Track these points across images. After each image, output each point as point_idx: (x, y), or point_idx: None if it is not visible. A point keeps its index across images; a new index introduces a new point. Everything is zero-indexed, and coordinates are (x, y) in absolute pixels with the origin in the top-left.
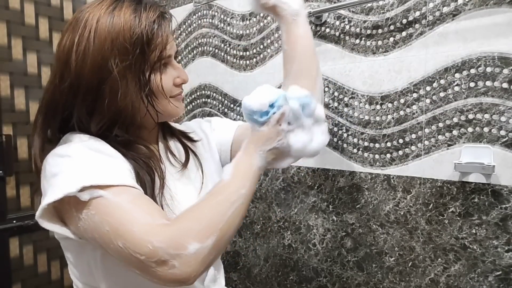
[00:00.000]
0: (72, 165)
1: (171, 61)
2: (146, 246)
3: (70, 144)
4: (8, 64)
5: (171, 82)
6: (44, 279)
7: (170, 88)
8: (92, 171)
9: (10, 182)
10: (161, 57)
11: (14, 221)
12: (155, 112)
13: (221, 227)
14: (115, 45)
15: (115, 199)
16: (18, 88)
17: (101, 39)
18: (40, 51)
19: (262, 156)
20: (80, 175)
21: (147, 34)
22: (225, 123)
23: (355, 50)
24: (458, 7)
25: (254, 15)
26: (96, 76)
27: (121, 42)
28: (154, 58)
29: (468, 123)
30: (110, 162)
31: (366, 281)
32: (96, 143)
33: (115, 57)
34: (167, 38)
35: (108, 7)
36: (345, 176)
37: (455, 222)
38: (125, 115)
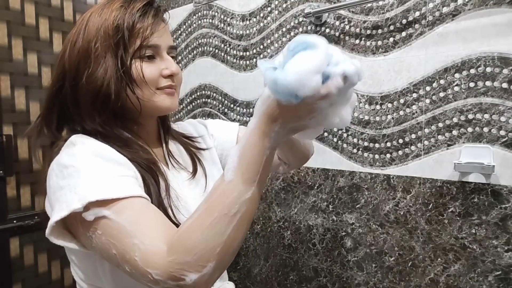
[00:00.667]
0: (77, 178)
1: (160, 52)
2: (148, 276)
3: (74, 149)
4: (9, 64)
5: (157, 72)
6: (44, 279)
7: (156, 78)
8: (96, 184)
9: (10, 182)
10: (142, 45)
11: (14, 221)
12: (137, 101)
13: (219, 251)
14: (99, 31)
15: (119, 219)
16: (18, 88)
17: (89, 28)
18: (41, 51)
19: (279, 134)
20: (84, 189)
21: (128, 21)
22: (224, 127)
23: (355, 50)
24: (458, 7)
25: (254, 15)
26: (81, 59)
27: (105, 28)
28: (134, 45)
29: (468, 123)
30: (115, 171)
31: (366, 281)
32: (100, 147)
33: (96, 40)
34: (151, 27)
35: (103, 3)
36: (345, 176)
37: (455, 222)
38: (107, 100)
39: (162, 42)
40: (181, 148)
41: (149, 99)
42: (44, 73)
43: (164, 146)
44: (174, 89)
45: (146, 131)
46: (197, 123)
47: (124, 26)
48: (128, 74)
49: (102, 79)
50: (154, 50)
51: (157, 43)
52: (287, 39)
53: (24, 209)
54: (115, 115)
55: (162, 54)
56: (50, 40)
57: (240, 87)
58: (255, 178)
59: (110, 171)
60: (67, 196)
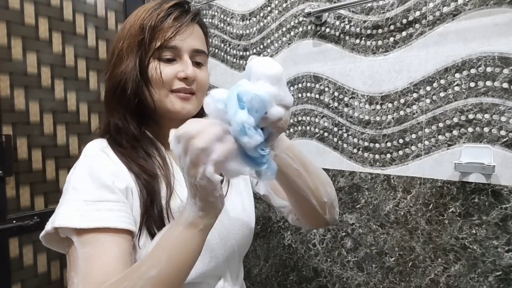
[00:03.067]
0: (65, 197)
1: (181, 55)
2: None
3: (78, 162)
4: (8, 64)
5: (172, 74)
6: (44, 280)
7: (170, 80)
8: (72, 210)
9: (9, 182)
10: (162, 46)
11: (13, 221)
12: (152, 100)
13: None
14: (129, 30)
15: (80, 250)
16: (17, 88)
17: (124, 27)
18: (40, 51)
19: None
20: (61, 212)
21: (151, 21)
22: None
23: (355, 50)
24: (458, 7)
25: (254, 15)
26: (111, 55)
27: (133, 27)
28: (155, 45)
29: (468, 123)
30: (97, 196)
31: (366, 281)
32: (95, 166)
33: (125, 39)
34: (173, 28)
35: (147, 4)
36: (345, 176)
37: (455, 222)
38: (123, 96)
39: (184, 45)
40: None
41: (161, 100)
42: (43, 73)
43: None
44: (189, 93)
45: (165, 133)
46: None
47: (147, 27)
48: (145, 73)
49: (121, 76)
50: (174, 52)
51: (177, 45)
52: (287, 38)
53: (23, 209)
54: (134, 111)
55: (183, 56)
56: (50, 40)
57: None
58: (166, 254)
59: (92, 196)
60: (57, 212)
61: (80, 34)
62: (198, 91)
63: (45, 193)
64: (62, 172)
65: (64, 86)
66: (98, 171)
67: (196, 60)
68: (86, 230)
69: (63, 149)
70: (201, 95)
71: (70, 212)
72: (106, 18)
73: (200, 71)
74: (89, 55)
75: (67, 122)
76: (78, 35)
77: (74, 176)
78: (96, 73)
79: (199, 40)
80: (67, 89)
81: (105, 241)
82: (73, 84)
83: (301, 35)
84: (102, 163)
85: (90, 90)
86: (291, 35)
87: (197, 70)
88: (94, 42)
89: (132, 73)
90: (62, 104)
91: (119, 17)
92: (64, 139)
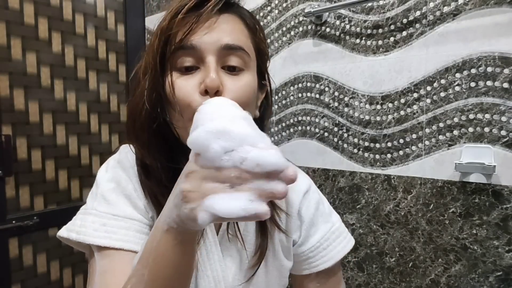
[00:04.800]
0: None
1: (203, 58)
2: None
3: (109, 163)
4: (8, 64)
5: (190, 88)
6: (43, 280)
7: (188, 96)
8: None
9: (9, 183)
10: (176, 49)
11: (13, 222)
12: (173, 127)
13: None
14: (149, 44)
15: (98, 262)
16: (17, 88)
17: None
18: (40, 51)
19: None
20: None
21: (165, 22)
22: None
23: (355, 49)
24: (459, 6)
25: (254, 15)
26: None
27: (152, 38)
28: (169, 52)
29: (469, 123)
30: (121, 210)
31: (366, 281)
32: (123, 175)
33: (145, 55)
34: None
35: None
36: (345, 176)
37: (456, 222)
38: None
39: (205, 42)
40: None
41: (185, 127)
42: (43, 73)
43: None
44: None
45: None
46: (307, 194)
47: (159, 30)
48: (161, 92)
49: (137, 99)
50: (194, 55)
51: (196, 44)
52: (287, 38)
53: (23, 210)
54: (160, 144)
55: (206, 60)
56: (49, 40)
57: None
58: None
59: (115, 209)
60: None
61: (80, 34)
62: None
63: (44, 193)
64: (62, 172)
65: (64, 86)
66: (127, 187)
67: (229, 63)
68: (102, 247)
69: (62, 149)
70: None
71: (96, 226)
72: (105, 18)
73: (233, 78)
74: (89, 55)
75: (67, 122)
76: (77, 35)
77: (106, 182)
78: (96, 73)
79: (231, 34)
80: (66, 89)
81: (123, 258)
82: (73, 84)
83: (301, 34)
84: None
85: (90, 90)
86: (291, 35)
87: (228, 77)
88: (93, 42)
89: (149, 93)
90: (61, 104)
91: (119, 17)
92: (63, 139)
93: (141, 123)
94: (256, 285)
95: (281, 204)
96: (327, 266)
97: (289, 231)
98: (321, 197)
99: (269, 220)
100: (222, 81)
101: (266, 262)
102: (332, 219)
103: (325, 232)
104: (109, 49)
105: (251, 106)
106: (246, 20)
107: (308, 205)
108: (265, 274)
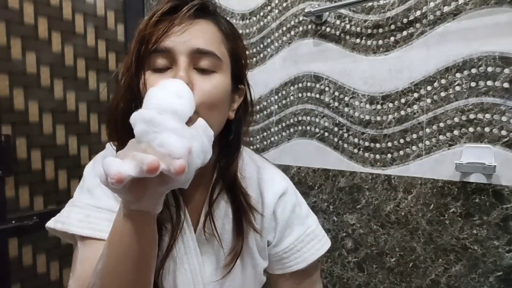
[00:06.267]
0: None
1: (176, 59)
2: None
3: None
4: (7, 64)
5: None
6: (43, 280)
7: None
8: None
9: (9, 183)
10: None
11: (13, 222)
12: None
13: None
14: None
15: (80, 251)
16: (17, 88)
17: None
18: (39, 51)
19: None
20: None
21: (142, 26)
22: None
23: (355, 49)
24: (459, 6)
25: (254, 14)
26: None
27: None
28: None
29: (469, 123)
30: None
31: (366, 281)
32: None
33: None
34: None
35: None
36: (345, 176)
37: (456, 222)
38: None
39: (178, 45)
40: (230, 215)
41: None
42: (43, 73)
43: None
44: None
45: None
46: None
47: (137, 33)
48: (137, 90)
49: (117, 95)
50: (167, 57)
51: (169, 46)
52: (287, 38)
53: (23, 210)
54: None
55: (178, 61)
56: (49, 40)
57: None
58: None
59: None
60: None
61: (80, 33)
62: (199, 107)
63: (44, 193)
64: (62, 172)
65: (64, 86)
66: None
67: (200, 65)
68: (84, 237)
69: (62, 149)
70: (206, 113)
71: (80, 217)
72: (105, 18)
73: (204, 78)
74: (89, 54)
75: (67, 122)
76: (77, 35)
77: (92, 177)
78: (96, 73)
79: (204, 39)
80: (66, 89)
81: (98, 249)
82: (73, 84)
83: (302, 34)
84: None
85: (90, 90)
86: (291, 35)
87: (198, 76)
88: (93, 41)
89: (125, 91)
90: (61, 104)
91: (119, 17)
92: (63, 139)
93: (118, 119)
94: (233, 281)
95: (257, 205)
96: (300, 267)
97: (263, 231)
98: (298, 200)
99: (245, 220)
100: (192, 79)
101: (242, 260)
102: (308, 221)
103: (300, 234)
104: (109, 49)
105: (221, 106)
106: (221, 26)
107: (284, 207)
108: (241, 271)
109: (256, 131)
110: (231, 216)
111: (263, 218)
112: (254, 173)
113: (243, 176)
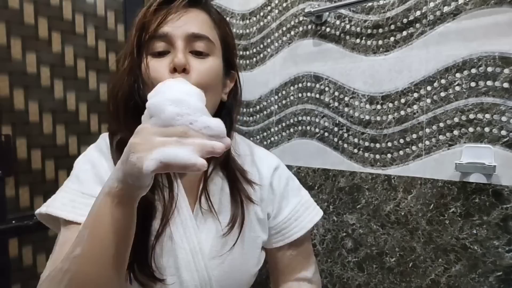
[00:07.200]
0: (69, 184)
1: (173, 44)
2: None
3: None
4: (7, 64)
5: (162, 68)
6: None
7: (161, 76)
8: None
9: (9, 183)
10: (149, 37)
11: (13, 222)
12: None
13: None
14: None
15: (63, 234)
16: (17, 88)
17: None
18: (39, 51)
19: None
20: (54, 199)
21: (142, 14)
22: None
23: (355, 49)
24: (459, 6)
25: (254, 14)
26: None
27: (131, 31)
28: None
29: (469, 123)
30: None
31: (366, 281)
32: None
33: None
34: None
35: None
36: (345, 176)
37: (456, 222)
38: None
39: (176, 30)
40: (227, 189)
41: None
42: (43, 73)
43: (202, 181)
44: None
45: None
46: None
47: (136, 22)
48: (138, 73)
49: (118, 79)
50: (166, 41)
51: (167, 31)
52: (287, 38)
53: (23, 210)
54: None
55: (176, 45)
56: (49, 40)
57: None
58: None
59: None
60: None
61: (80, 33)
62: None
63: (44, 193)
64: (62, 173)
65: (64, 86)
66: (101, 168)
67: (195, 48)
68: (68, 221)
69: (62, 149)
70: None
71: (64, 201)
72: (105, 18)
73: (199, 61)
74: (89, 54)
75: (67, 122)
76: (77, 35)
77: (81, 164)
78: (96, 72)
79: (198, 25)
80: (66, 89)
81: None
82: (73, 84)
83: (301, 34)
84: (106, 162)
85: (90, 90)
86: (291, 35)
87: (194, 59)
88: (93, 41)
89: (127, 74)
90: (61, 104)
91: (119, 17)
92: (63, 139)
93: (119, 102)
94: (232, 255)
95: (254, 177)
96: (299, 235)
97: (263, 203)
98: (290, 175)
99: (243, 195)
100: (189, 62)
101: (242, 235)
102: (301, 193)
103: (295, 204)
104: (109, 49)
105: (215, 87)
106: (212, 15)
107: (279, 179)
108: (241, 246)
109: (256, 131)
110: (227, 191)
111: (262, 189)
112: (247, 151)
113: (238, 154)
